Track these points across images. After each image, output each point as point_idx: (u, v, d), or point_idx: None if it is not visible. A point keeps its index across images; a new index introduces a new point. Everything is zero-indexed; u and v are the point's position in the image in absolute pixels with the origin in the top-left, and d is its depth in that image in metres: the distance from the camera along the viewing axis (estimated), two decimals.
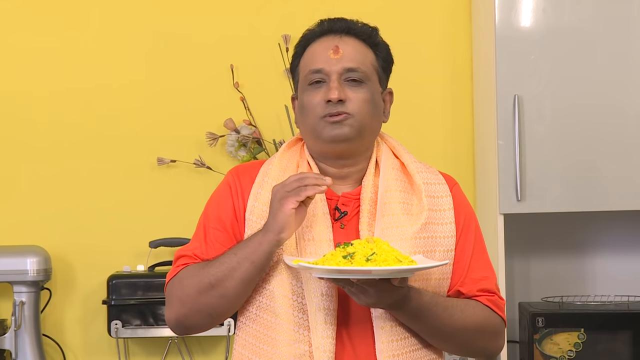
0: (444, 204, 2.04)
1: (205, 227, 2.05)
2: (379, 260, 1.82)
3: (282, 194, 1.91)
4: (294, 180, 1.91)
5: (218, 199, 2.07)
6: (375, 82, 2.05)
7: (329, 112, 1.98)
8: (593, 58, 3.15)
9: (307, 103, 2.02)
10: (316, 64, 2.02)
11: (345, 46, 2.02)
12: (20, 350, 3.29)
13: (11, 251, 3.33)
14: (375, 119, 2.04)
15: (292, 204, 1.89)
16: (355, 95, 2.00)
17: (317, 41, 2.05)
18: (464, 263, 2.04)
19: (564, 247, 3.52)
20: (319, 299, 1.93)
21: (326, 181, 1.89)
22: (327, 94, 1.98)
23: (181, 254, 2.04)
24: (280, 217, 1.90)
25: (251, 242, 1.94)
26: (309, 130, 2.03)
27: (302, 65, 2.06)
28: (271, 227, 1.91)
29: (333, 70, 2.00)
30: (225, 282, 1.93)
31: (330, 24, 2.05)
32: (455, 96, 3.55)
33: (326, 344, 1.92)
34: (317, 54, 2.03)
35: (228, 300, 1.96)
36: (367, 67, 2.03)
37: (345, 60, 2.01)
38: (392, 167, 2.06)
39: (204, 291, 1.95)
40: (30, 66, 3.52)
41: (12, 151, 3.51)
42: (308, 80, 2.03)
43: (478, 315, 2.00)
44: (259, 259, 1.92)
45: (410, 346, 1.97)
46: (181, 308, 1.98)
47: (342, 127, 1.99)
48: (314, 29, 2.07)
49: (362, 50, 2.04)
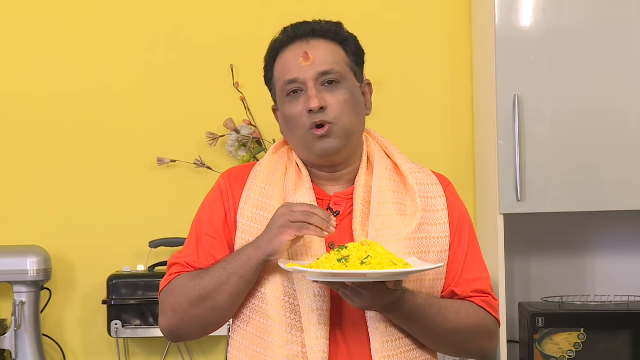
0: (437, 205, 2.04)
1: (197, 234, 2.05)
2: (373, 264, 1.82)
3: (284, 222, 1.89)
4: (301, 212, 1.89)
5: (210, 204, 2.07)
6: (351, 78, 2.03)
7: (312, 122, 1.97)
8: (593, 58, 3.14)
9: (290, 115, 2.01)
10: (289, 74, 2.01)
11: (314, 50, 2.01)
12: (20, 350, 3.30)
13: (11, 251, 3.33)
14: (358, 117, 2.04)
15: (290, 236, 1.89)
16: (334, 99, 1.99)
17: (285, 50, 2.04)
18: (458, 264, 2.03)
19: (564, 247, 3.52)
20: (311, 299, 1.93)
21: (330, 229, 1.88)
22: (307, 103, 1.98)
23: (174, 262, 2.05)
24: (275, 244, 1.90)
25: (240, 257, 1.94)
26: (299, 142, 2.03)
27: (275, 76, 2.06)
28: (263, 247, 1.92)
29: (308, 78, 1.99)
30: (216, 295, 1.95)
31: (295, 29, 2.04)
32: (455, 96, 3.55)
33: (320, 344, 1.92)
34: (288, 63, 2.02)
35: (219, 313, 1.97)
36: (340, 66, 2.02)
37: (318, 65, 2.00)
38: (385, 167, 2.06)
39: (196, 303, 1.96)
40: (31, 68, 3.53)
41: (12, 151, 3.51)
42: (285, 91, 2.02)
43: (472, 317, 2.00)
44: (247, 274, 1.93)
45: (404, 346, 1.97)
46: (174, 318, 2.00)
47: (329, 141, 1.98)
48: (279, 38, 2.06)
49: (332, 49, 2.03)
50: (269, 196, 2.02)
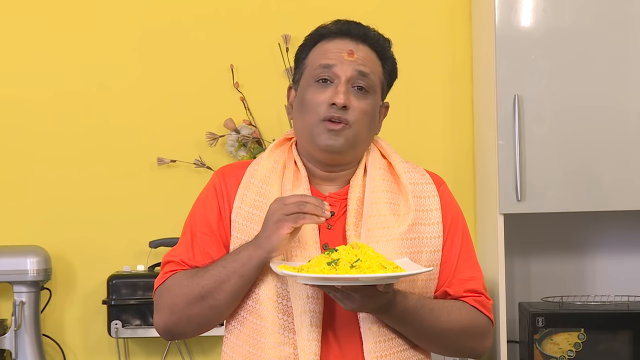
0: (430, 204, 2.04)
1: (192, 232, 2.05)
2: (363, 267, 1.81)
3: (279, 217, 1.89)
4: (294, 203, 1.89)
5: (204, 201, 2.07)
6: (378, 94, 2.05)
7: (330, 115, 1.97)
8: (593, 58, 3.14)
9: (310, 100, 2.00)
10: (328, 60, 2.01)
11: (359, 52, 2.02)
12: (20, 350, 3.30)
13: (11, 251, 3.33)
14: (370, 132, 2.05)
15: (288, 229, 1.89)
16: (359, 104, 1.99)
17: (331, 40, 2.03)
18: (451, 263, 2.03)
19: (564, 247, 3.52)
20: (304, 301, 1.93)
21: (325, 213, 1.88)
22: (334, 97, 1.98)
23: (169, 260, 2.04)
24: (274, 239, 1.90)
25: (240, 255, 1.94)
26: (305, 128, 2.02)
27: (311, 58, 2.05)
28: (263, 245, 1.91)
29: (344, 72, 1.99)
30: (215, 294, 1.95)
31: (348, 26, 2.04)
32: (455, 96, 3.55)
33: (311, 346, 1.92)
34: (330, 51, 2.02)
35: (218, 311, 1.97)
36: (376, 77, 2.03)
37: (359, 64, 2.01)
38: (380, 167, 2.06)
39: (194, 302, 1.96)
40: (30, 68, 3.52)
41: (12, 152, 3.51)
42: (315, 75, 2.01)
43: (464, 317, 2.00)
44: (248, 272, 1.93)
45: (397, 346, 1.97)
46: (170, 316, 1.99)
47: (338, 138, 1.98)
48: (329, 27, 2.05)
49: (374, 60, 2.04)
50: (266, 195, 2.01)
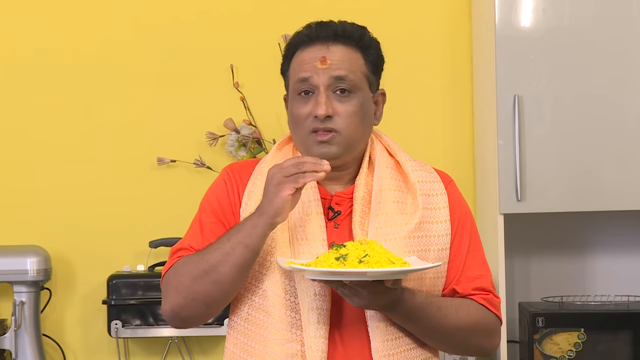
0: (438, 202, 2.03)
1: (201, 221, 2.04)
2: (371, 262, 1.82)
3: (279, 179, 1.89)
4: (292, 165, 1.89)
5: (214, 193, 2.07)
6: (365, 89, 2.02)
7: (316, 127, 1.97)
8: (593, 58, 3.15)
9: (296, 115, 2.01)
10: (303, 73, 2.00)
11: (332, 55, 1.99)
12: (20, 350, 3.30)
13: (11, 251, 3.33)
14: (365, 128, 2.03)
15: (290, 190, 1.88)
16: (344, 108, 1.98)
17: (305, 49, 2.02)
18: (459, 261, 2.03)
19: (564, 247, 3.52)
20: (311, 298, 1.93)
21: (324, 167, 1.88)
22: (315, 109, 1.97)
23: (177, 248, 2.03)
24: (277, 202, 1.88)
25: (244, 226, 1.92)
26: (299, 141, 2.03)
27: (290, 71, 2.05)
28: (266, 210, 1.90)
29: (321, 82, 1.98)
30: (219, 267, 1.92)
31: (317, 30, 2.02)
32: (455, 96, 3.55)
33: (318, 343, 1.92)
34: (304, 62, 2.01)
35: (223, 287, 1.94)
36: (356, 75, 2.00)
37: (333, 69, 1.98)
38: (387, 165, 2.06)
39: (198, 278, 1.93)
40: (30, 67, 3.52)
41: (12, 151, 3.51)
42: (296, 89, 2.01)
43: (473, 315, 2.00)
44: (252, 242, 1.91)
45: (405, 345, 1.97)
46: (176, 297, 1.96)
47: (330, 147, 1.98)
48: (302, 33, 2.04)
49: (351, 56, 2.01)
50: None
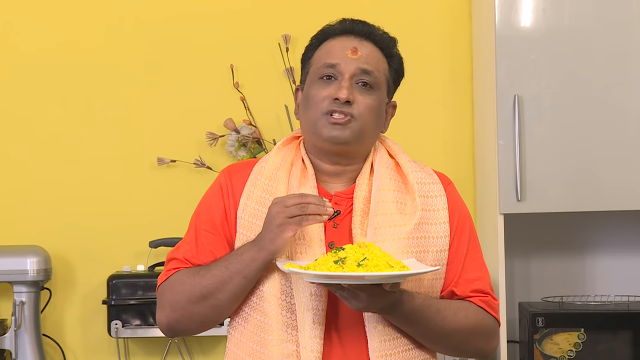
0: (437, 204, 2.04)
1: (196, 229, 2.05)
2: (370, 266, 1.82)
3: (281, 220, 1.90)
4: (295, 205, 1.89)
5: (209, 200, 2.07)
6: (384, 91, 2.05)
7: (333, 109, 1.98)
8: (593, 58, 3.15)
9: (314, 96, 2.01)
10: (332, 59, 2.02)
11: (363, 49, 2.03)
12: (20, 350, 3.30)
13: (11, 251, 3.33)
14: (376, 128, 2.05)
15: (292, 232, 1.90)
16: (363, 99, 2.00)
17: (336, 38, 2.05)
18: (458, 263, 2.03)
19: (564, 247, 3.52)
20: (307, 298, 1.93)
21: (327, 210, 1.89)
22: (337, 92, 1.98)
23: (173, 257, 2.04)
24: (279, 242, 1.91)
25: (244, 257, 1.94)
26: (309, 123, 2.03)
27: (315, 57, 2.06)
28: (266, 247, 1.92)
29: (348, 69, 2.00)
30: (217, 294, 1.95)
31: (353, 24, 2.06)
32: (455, 96, 3.55)
33: (314, 343, 1.92)
34: (334, 50, 2.03)
35: (219, 310, 1.98)
36: (380, 75, 2.04)
37: (362, 61, 2.01)
38: (387, 166, 2.06)
39: (196, 301, 1.96)
40: (29, 67, 3.52)
41: (12, 151, 3.51)
42: (320, 73, 2.02)
43: (471, 317, 2.00)
44: (251, 274, 1.94)
45: (402, 346, 1.97)
46: (172, 314, 2.00)
47: (344, 130, 1.99)
48: (334, 26, 2.07)
49: (378, 57, 2.05)
50: (273, 192, 2.01)
